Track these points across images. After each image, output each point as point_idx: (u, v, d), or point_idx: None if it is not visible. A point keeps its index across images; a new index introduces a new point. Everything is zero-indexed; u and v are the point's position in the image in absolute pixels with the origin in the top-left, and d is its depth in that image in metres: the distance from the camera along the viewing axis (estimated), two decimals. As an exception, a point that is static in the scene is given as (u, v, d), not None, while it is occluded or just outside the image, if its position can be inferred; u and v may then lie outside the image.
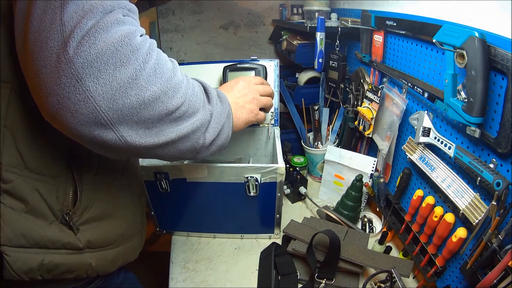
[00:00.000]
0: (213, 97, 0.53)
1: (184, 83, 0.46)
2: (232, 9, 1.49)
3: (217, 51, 1.56)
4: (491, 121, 0.52)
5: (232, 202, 0.83)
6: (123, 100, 0.38)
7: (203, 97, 0.51)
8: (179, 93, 0.44)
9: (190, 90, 0.47)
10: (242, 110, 0.63)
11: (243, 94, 0.66)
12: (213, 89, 0.56)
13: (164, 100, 0.42)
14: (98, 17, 0.36)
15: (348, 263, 0.72)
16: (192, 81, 0.50)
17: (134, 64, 0.38)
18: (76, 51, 0.35)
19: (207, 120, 0.50)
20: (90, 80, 0.36)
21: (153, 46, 0.43)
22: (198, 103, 0.48)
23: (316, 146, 1.16)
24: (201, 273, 0.79)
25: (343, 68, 1.04)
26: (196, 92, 0.49)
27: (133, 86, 0.38)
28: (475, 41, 0.48)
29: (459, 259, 0.62)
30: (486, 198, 0.55)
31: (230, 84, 0.68)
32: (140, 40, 0.40)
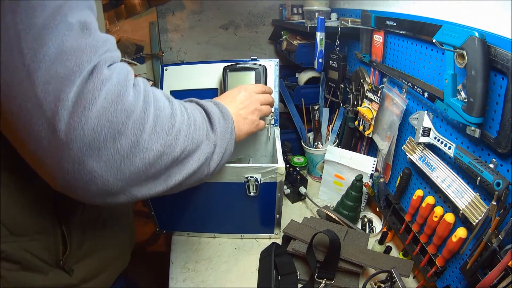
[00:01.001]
0: (216, 122, 0.52)
1: (185, 123, 0.44)
2: (232, 9, 1.49)
3: (217, 51, 1.56)
4: (491, 121, 0.52)
5: (232, 202, 0.83)
6: (129, 168, 0.37)
7: (206, 126, 0.50)
8: (182, 137, 0.42)
9: (192, 126, 0.45)
10: (244, 122, 0.63)
11: (246, 105, 0.65)
12: (216, 108, 0.55)
13: (168, 152, 0.40)
14: (79, 83, 0.32)
15: (348, 263, 0.72)
16: (193, 112, 0.48)
17: (133, 129, 0.36)
18: (68, 136, 0.32)
19: (211, 151, 0.49)
20: (92, 161, 0.34)
21: (147, 94, 0.39)
22: (201, 135, 0.47)
23: (316, 146, 1.16)
24: (201, 273, 0.79)
25: (343, 68, 1.04)
26: (198, 124, 0.47)
27: (137, 152, 0.37)
28: (475, 41, 0.48)
29: (459, 259, 0.62)
30: (486, 198, 0.55)
31: (232, 93, 0.67)
32: (133, 97, 0.36)
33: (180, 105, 0.46)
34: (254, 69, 0.93)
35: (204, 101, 0.56)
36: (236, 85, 0.94)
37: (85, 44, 0.33)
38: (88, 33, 0.34)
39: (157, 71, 1.46)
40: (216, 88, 1.01)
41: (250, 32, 1.55)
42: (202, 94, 1.02)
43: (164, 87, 1.02)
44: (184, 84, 1.02)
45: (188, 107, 0.48)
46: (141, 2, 1.36)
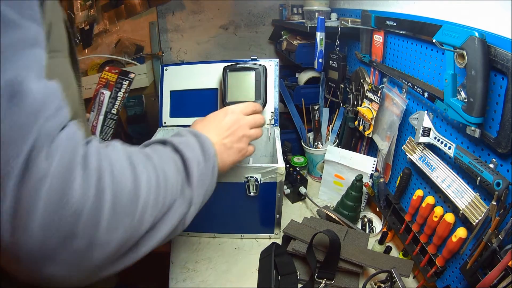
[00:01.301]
0: (194, 171, 0.45)
1: (152, 193, 0.37)
2: (232, 9, 1.49)
3: (217, 51, 1.56)
4: (491, 121, 0.52)
5: (232, 202, 0.83)
6: (91, 263, 0.32)
7: (181, 180, 0.43)
8: (148, 212, 0.36)
9: (162, 191, 0.38)
10: (229, 153, 0.57)
11: (232, 131, 0.58)
12: (196, 144, 0.49)
13: (133, 234, 0.35)
14: (12, 189, 0.26)
15: (348, 263, 0.72)
16: (164, 169, 0.40)
17: (85, 229, 0.30)
18: (15, 250, 0.28)
19: (185, 211, 0.43)
20: (49, 266, 0.29)
21: (101, 174, 0.32)
22: (174, 194, 0.41)
23: (316, 146, 1.16)
24: (201, 273, 0.79)
25: (343, 68, 1.04)
26: (170, 184, 0.40)
27: (95, 249, 0.31)
28: (475, 41, 0.48)
29: (459, 259, 0.62)
30: (486, 198, 0.55)
31: (218, 117, 0.60)
32: (82, 188, 0.29)
33: (146, 167, 0.38)
34: (254, 69, 0.93)
35: (182, 139, 0.48)
36: (236, 85, 0.94)
37: (13, 123, 0.26)
38: (19, 100, 0.27)
39: (157, 71, 1.46)
40: (216, 88, 1.01)
41: (250, 32, 1.55)
42: (202, 94, 1.02)
43: (164, 87, 1.02)
44: (184, 84, 1.02)
45: (158, 163, 0.40)
46: (141, 2, 1.37)
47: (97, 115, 0.79)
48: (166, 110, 1.02)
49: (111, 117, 0.79)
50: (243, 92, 0.93)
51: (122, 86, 0.81)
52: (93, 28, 1.38)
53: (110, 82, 0.81)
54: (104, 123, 0.79)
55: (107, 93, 0.81)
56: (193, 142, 0.49)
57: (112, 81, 0.81)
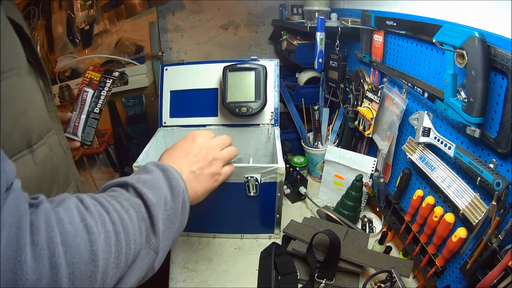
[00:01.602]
0: (159, 216, 0.42)
1: (112, 253, 0.34)
2: (232, 9, 1.49)
3: (217, 51, 1.56)
4: (491, 121, 0.52)
5: (232, 202, 0.83)
6: None
7: (145, 230, 0.40)
8: (110, 273, 0.34)
9: (124, 248, 0.36)
10: (199, 180, 0.54)
11: (201, 157, 0.55)
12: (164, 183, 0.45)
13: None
14: None
15: (348, 263, 0.72)
16: (123, 221, 0.37)
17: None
18: None
19: (152, 259, 0.42)
20: None
21: (53, 248, 0.30)
22: (137, 245, 0.39)
23: (316, 146, 1.16)
24: (201, 273, 0.79)
25: (343, 68, 1.04)
26: (132, 236, 0.38)
27: None
28: (475, 41, 0.48)
29: (459, 259, 0.62)
30: (486, 198, 0.55)
31: (184, 146, 0.56)
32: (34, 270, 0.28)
33: (104, 224, 0.35)
34: (254, 69, 0.93)
35: (146, 178, 0.45)
36: (236, 85, 0.94)
37: None
38: None
39: (157, 71, 1.46)
40: (216, 88, 1.01)
41: (250, 32, 1.55)
42: (202, 94, 1.02)
43: (164, 87, 1.02)
44: (184, 84, 1.02)
45: (117, 217, 0.37)
46: (141, 2, 1.37)
47: (79, 115, 0.75)
48: (166, 110, 1.03)
49: (93, 116, 0.76)
50: (243, 92, 0.94)
51: (106, 84, 0.78)
52: (93, 28, 1.38)
53: (94, 81, 0.78)
54: (86, 123, 0.75)
55: (90, 92, 0.77)
56: (160, 179, 0.46)
57: (95, 80, 0.78)
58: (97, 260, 0.33)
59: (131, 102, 1.49)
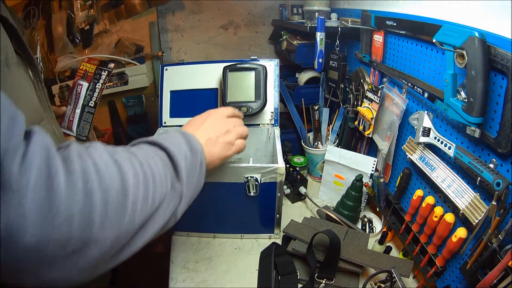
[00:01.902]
0: (182, 165, 0.45)
1: (140, 190, 0.37)
2: (232, 9, 1.49)
3: (217, 51, 1.56)
4: (491, 121, 0.52)
5: (232, 202, 0.83)
6: (89, 261, 0.32)
7: (170, 176, 0.43)
8: (139, 208, 0.36)
9: (151, 187, 0.39)
10: (215, 146, 0.58)
11: (216, 127, 0.60)
12: (182, 140, 0.49)
13: (127, 229, 0.35)
14: None
15: (348, 263, 0.72)
16: (151, 165, 0.40)
17: (80, 231, 0.30)
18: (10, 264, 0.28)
19: (176, 204, 0.44)
20: (48, 271, 0.30)
21: (87, 175, 0.31)
22: (164, 189, 0.41)
23: (316, 146, 1.16)
24: (201, 273, 0.79)
25: (343, 68, 1.04)
26: (159, 179, 0.40)
27: (91, 247, 0.31)
28: (475, 41, 0.48)
29: (459, 259, 0.62)
30: (486, 198, 0.55)
31: (201, 118, 0.62)
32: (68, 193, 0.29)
33: (132, 163, 0.38)
34: (254, 69, 0.93)
35: (167, 136, 0.49)
36: (236, 85, 0.94)
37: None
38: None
39: (157, 71, 1.46)
40: (216, 88, 1.01)
41: (250, 32, 1.55)
42: (202, 94, 1.02)
43: (164, 87, 1.02)
44: (184, 84, 1.02)
45: (144, 160, 0.40)
46: (141, 2, 1.36)
47: (74, 109, 0.72)
48: (166, 110, 1.03)
49: (88, 110, 0.73)
50: (243, 92, 0.93)
51: (101, 77, 0.75)
52: (93, 28, 1.38)
53: (89, 73, 0.75)
54: (81, 117, 0.72)
55: (85, 85, 0.74)
56: (179, 139, 0.50)
57: (90, 72, 0.75)
58: (127, 190, 0.35)
59: (131, 102, 1.49)
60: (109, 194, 0.33)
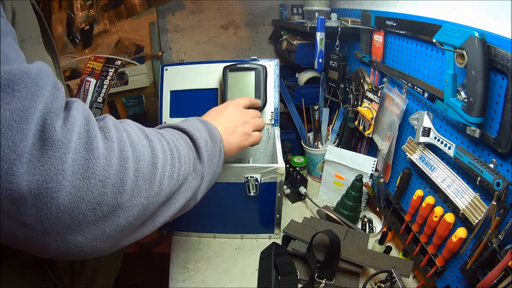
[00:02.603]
0: (203, 149, 0.48)
1: (168, 164, 0.39)
2: (232, 9, 1.49)
3: (217, 51, 1.56)
4: (491, 121, 0.52)
5: (232, 202, 0.83)
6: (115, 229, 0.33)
7: (193, 157, 0.46)
8: (166, 181, 0.38)
9: (177, 164, 0.41)
10: (233, 135, 0.61)
11: (234, 118, 0.63)
12: (202, 127, 0.52)
13: (153, 201, 0.37)
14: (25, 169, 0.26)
15: (348, 263, 0.72)
16: (176, 145, 0.43)
17: (112, 195, 0.31)
18: (42, 226, 0.28)
19: (198, 184, 0.47)
20: (76, 235, 0.30)
21: (123, 143, 0.34)
22: (187, 168, 0.44)
23: (316, 146, 1.16)
24: (201, 273, 0.79)
25: (343, 68, 1.04)
26: (183, 159, 0.43)
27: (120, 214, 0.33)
28: (475, 41, 0.48)
29: (459, 259, 0.62)
30: (486, 198, 0.55)
31: (219, 109, 0.65)
32: (105, 156, 0.31)
33: (160, 140, 0.41)
34: (254, 69, 0.93)
35: (188, 123, 0.52)
36: (236, 85, 0.94)
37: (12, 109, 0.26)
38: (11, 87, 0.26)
39: (157, 71, 1.46)
40: (216, 88, 1.01)
41: (250, 32, 1.55)
42: (202, 94, 1.02)
43: (164, 87, 1.02)
44: (184, 84, 1.02)
45: (170, 139, 0.43)
46: (141, 2, 1.37)
47: None
48: (166, 110, 1.02)
49: (97, 106, 0.75)
50: (243, 92, 0.93)
51: (108, 73, 0.76)
52: (93, 28, 1.38)
53: (96, 71, 0.77)
54: None
55: (93, 81, 0.76)
56: (199, 126, 0.52)
57: (97, 70, 0.77)
58: (157, 163, 0.37)
59: (131, 102, 1.49)
60: (141, 164, 0.35)
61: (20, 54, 0.30)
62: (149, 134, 0.40)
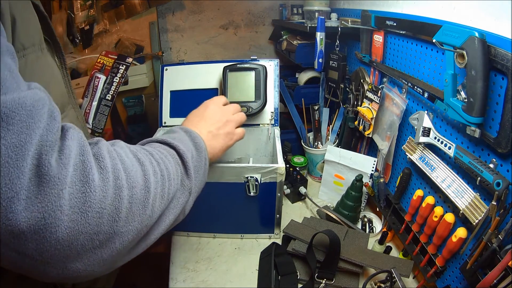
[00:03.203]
0: (190, 163, 0.48)
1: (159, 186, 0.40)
2: (232, 9, 1.49)
3: (217, 51, 1.56)
4: (491, 121, 0.52)
5: (232, 202, 0.83)
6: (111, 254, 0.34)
7: (180, 173, 0.47)
8: (157, 203, 0.39)
9: (166, 183, 0.42)
10: (217, 139, 0.61)
11: (216, 119, 0.63)
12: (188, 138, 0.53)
13: (147, 223, 0.38)
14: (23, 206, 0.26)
15: (348, 263, 0.72)
16: (165, 163, 0.43)
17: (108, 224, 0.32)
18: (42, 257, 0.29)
19: (186, 200, 0.47)
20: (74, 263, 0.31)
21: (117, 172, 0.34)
22: (175, 185, 0.44)
23: (316, 146, 1.16)
24: (201, 273, 0.79)
25: (343, 68, 1.04)
26: (172, 176, 0.44)
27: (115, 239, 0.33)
28: (475, 41, 0.48)
29: (459, 259, 0.62)
30: (486, 198, 0.55)
31: (199, 112, 0.65)
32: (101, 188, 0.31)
33: (151, 162, 0.41)
34: (254, 69, 0.93)
35: (174, 135, 0.52)
36: (236, 85, 0.94)
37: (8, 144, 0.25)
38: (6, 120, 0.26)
39: (157, 71, 1.46)
40: (216, 88, 1.01)
41: (250, 32, 1.55)
42: (202, 94, 1.02)
43: (164, 87, 1.02)
44: (184, 84, 1.02)
45: (160, 158, 0.43)
46: (141, 2, 1.37)
47: (91, 101, 0.72)
48: (166, 110, 1.03)
49: (105, 103, 0.72)
50: (243, 92, 0.94)
51: (119, 71, 0.74)
52: (93, 28, 1.38)
53: (106, 67, 0.74)
54: (97, 109, 0.72)
55: (103, 78, 0.73)
56: (185, 137, 0.53)
57: (108, 66, 0.74)
58: (149, 188, 0.37)
59: (131, 102, 1.49)
60: (135, 191, 0.35)
61: (17, 77, 0.29)
62: (141, 157, 0.39)
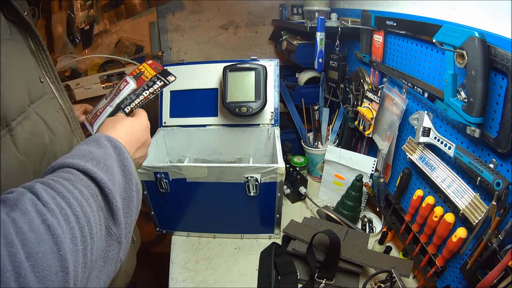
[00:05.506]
0: (119, 207, 0.38)
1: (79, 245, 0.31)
2: (232, 9, 1.49)
3: (217, 51, 1.56)
4: (491, 121, 0.52)
5: (232, 202, 0.83)
6: None
7: (105, 220, 0.36)
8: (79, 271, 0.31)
9: (89, 241, 0.32)
10: (139, 163, 0.53)
11: (142, 142, 0.52)
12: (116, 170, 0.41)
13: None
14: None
15: (348, 263, 0.72)
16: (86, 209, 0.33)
17: None
18: None
19: (117, 250, 0.38)
20: None
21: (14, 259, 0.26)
22: (101, 239, 0.35)
23: (316, 146, 1.16)
24: (201, 273, 0.79)
25: (343, 68, 1.04)
26: (93, 228, 0.33)
27: None
28: (475, 41, 0.48)
29: (459, 259, 0.62)
30: (486, 198, 0.55)
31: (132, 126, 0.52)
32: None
33: (67, 219, 0.31)
34: (254, 69, 0.93)
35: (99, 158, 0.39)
36: (236, 85, 0.94)
37: None
38: None
39: (157, 71, 1.46)
40: (216, 88, 1.01)
41: (250, 32, 1.55)
42: (202, 94, 1.02)
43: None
44: (184, 84, 1.02)
45: (79, 208, 0.33)
46: (141, 2, 1.37)
47: (107, 105, 0.63)
48: (166, 110, 1.03)
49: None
50: (243, 92, 0.94)
51: (154, 85, 0.64)
52: (93, 28, 1.38)
53: (143, 76, 0.65)
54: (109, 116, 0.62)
55: (132, 85, 0.63)
56: (112, 159, 0.41)
57: (146, 77, 0.65)
58: (67, 265, 0.29)
59: (131, 102, 1.48)
60: (48, 280, 0.27)
61: None
62: (52, 221, 0.29)
